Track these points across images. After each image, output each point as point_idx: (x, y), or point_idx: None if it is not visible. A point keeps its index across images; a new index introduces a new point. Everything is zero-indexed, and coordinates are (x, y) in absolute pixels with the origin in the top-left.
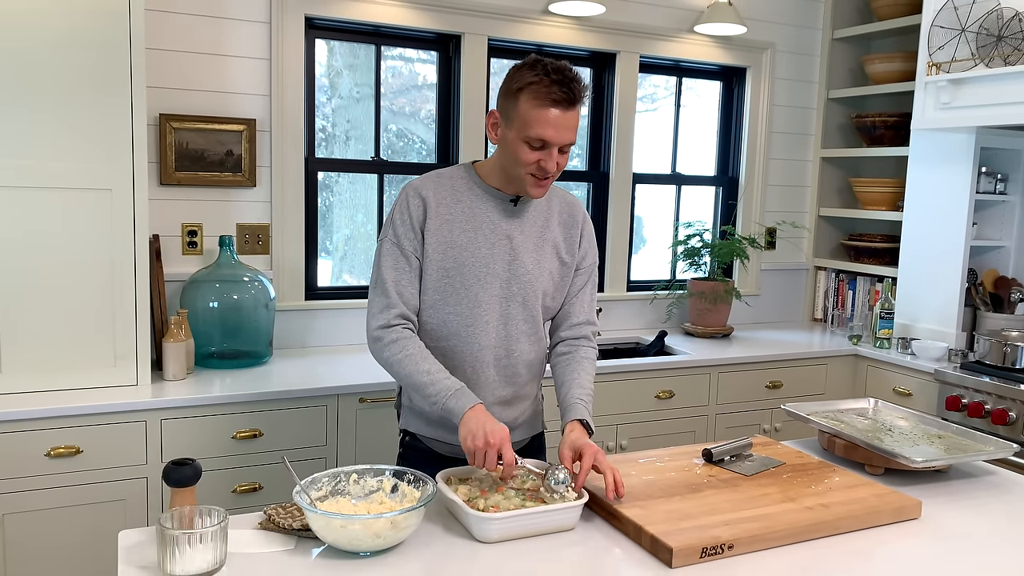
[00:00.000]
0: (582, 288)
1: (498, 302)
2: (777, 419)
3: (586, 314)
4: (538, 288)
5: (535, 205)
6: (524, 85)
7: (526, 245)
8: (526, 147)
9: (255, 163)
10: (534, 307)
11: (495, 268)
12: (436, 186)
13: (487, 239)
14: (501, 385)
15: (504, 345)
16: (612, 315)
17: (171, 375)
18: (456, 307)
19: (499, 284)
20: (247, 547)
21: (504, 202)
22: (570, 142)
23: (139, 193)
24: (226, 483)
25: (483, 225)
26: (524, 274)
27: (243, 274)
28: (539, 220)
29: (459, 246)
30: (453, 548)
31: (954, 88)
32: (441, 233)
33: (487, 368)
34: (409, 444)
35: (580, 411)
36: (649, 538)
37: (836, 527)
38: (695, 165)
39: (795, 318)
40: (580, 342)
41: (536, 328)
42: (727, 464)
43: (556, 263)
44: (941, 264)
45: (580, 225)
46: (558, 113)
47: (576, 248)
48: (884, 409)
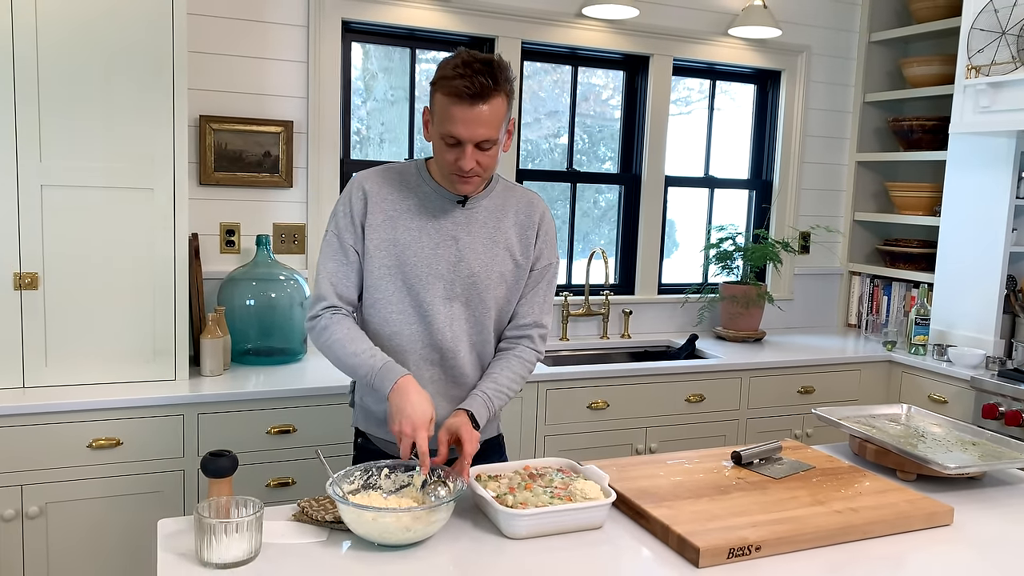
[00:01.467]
0: (534, 288)
1: (441, 303)
2: (809, 424)
3: (534, 315)
4: (484, 290)
5: (486, 205)
6: (437, 79)
7: (473, 247)
8: (444, 144)
9: (292, 164)
10: (478, 309)
11: (438, 269)
12: (383, 180)
13: (431, 239)
14: (447, 384)
15: (449, 346)
16: (643, 318)
17: (208, 371)
18: (398, 305)
19: (443, 285)
20: (281, 538)
21: (451, 201)
22: (484, 138)
23: (179, 193)
24: (260, 477)
25: (428, 224)
26: (469, 276)
27: (279, 273)
28: (490, 221)
29: (402, 244)
30: (481, 543)
31: (993, 91)
32: (383, 229)
33: (431, 367)
34: (361, 445)
35: (473, 402)
36: (676, 538)
37: (865, 532)
38: (728, 168)
39: (828, 323)
40: (520, 341)
41: (480, 330)
42: (756, 467)
43: (510, 265)
44: (979, 270)
45: (536, 225)
46: (465, 108)
47: (531, 248)
48: (917, 415)
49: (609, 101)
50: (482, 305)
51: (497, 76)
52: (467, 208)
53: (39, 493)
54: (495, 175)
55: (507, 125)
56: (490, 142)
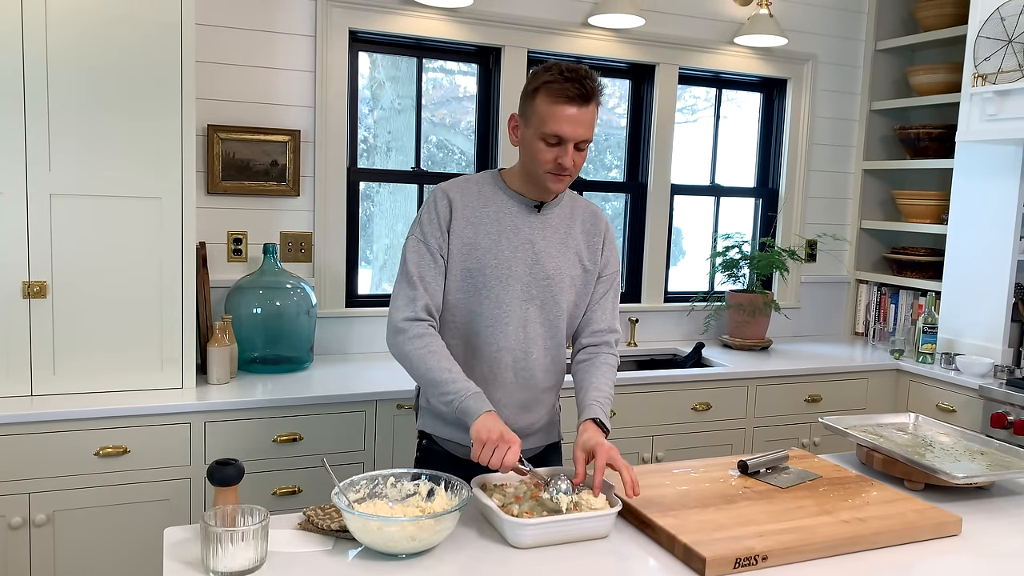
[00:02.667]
0: (604, 295)
1: (518, 304)
2: (816, 433)
3: (607, 321)
4: (558, 293)
5: (559, 212)
6: (540, 85)
7: (548, 250)
8: (543, 144)
9: (299, 173)
10: (552, 311)
11: (516, 271)
12: (463, 189)
13: (510, 242)
14: (518, 388)
15: (522, 347)
16: (649, 326)
17: (215, 379)
18: (477, 307)
19: (520, 287)
20: (287, 546)
21: (528, 207)
22: (585, 138)
23: (187, 202)
24: (266, 486)
25: (507, 229)
26: (544, 278)
27: (286, 281)
28: (562, 227)
29: (482, 248)
30: (487, 552)
31: (1000, 99)
32: (466, 234)
33: (505, 370)
34: (426, 447)
35: (595, 411)
36: (682, 547)
37: (873, 542)
38: (735, 177)
39: (835, 332)
40: (600, 348)
41: (554, 333)
42: (763, 476)
43: (579, 269)
44: (987, 278)
45: (603, 233)
46: (572, 109)
47: (598, 255)
48: (925, 424)
49: (616, 110)
50: (556, 308)
51: (597, 84)
52: (542, 214)
53: (46, 501)
54: None
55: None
56: (586, 143)
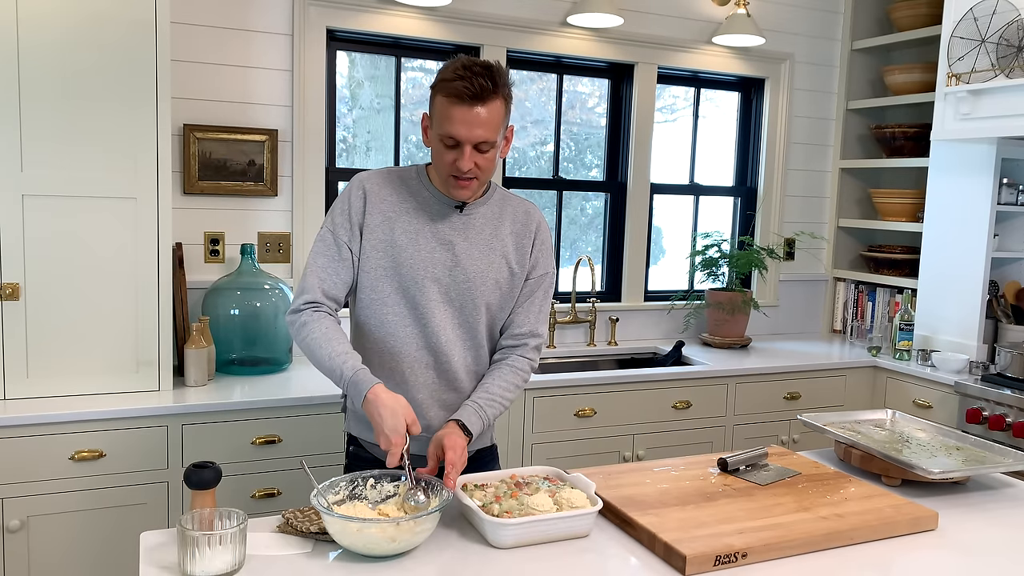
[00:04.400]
0: (530, 297)
1: (436, 307)
2: (795, 430)
3: (530, 324)
4: (478, 297)
5: (484, 212)
6: (437, 82)
7: (470, 252)
8: (443, 146)
9: (276, 173)
10: (471, 314)
11: (434, 272)
12: (384, 181)
13: (428, 243)
14: (441, 389)
15: (443, 350)
16: (629, 325)
17: (192, 381)
18: (394, 307)
19: (438, 289)
20: (265, 549)
21: (450, 206)
22: (484, 139)
23: (163, 202)
24: (245, 488)
25: (425, 228)
26: (464, 281)
27: (264, 282)
28: (487, 228)
29: (399, 246)
30: (468, 553)
31: (974, 99)
32: (381, 230)
33: (426, 370)
34: (353, 453)
35: (464, 412)
36: (663, 545)
37: (851, 537)
38: (713, 176)
39: (813, 329)
40: (515, 350)
41: (473, 335)
42: (742, 474)
43: (505, 273)
44: (962, 276)
45: (533, 234)
46: (465, 109)
47: (527, 257)
48: (902, 420)
49: (595, 109)
50: (475, 311)
51: (496, 79)
52: (465, 214)
53: (21, 506)
54: (493, 184)
55: (505, 131)
56: (488, 144)
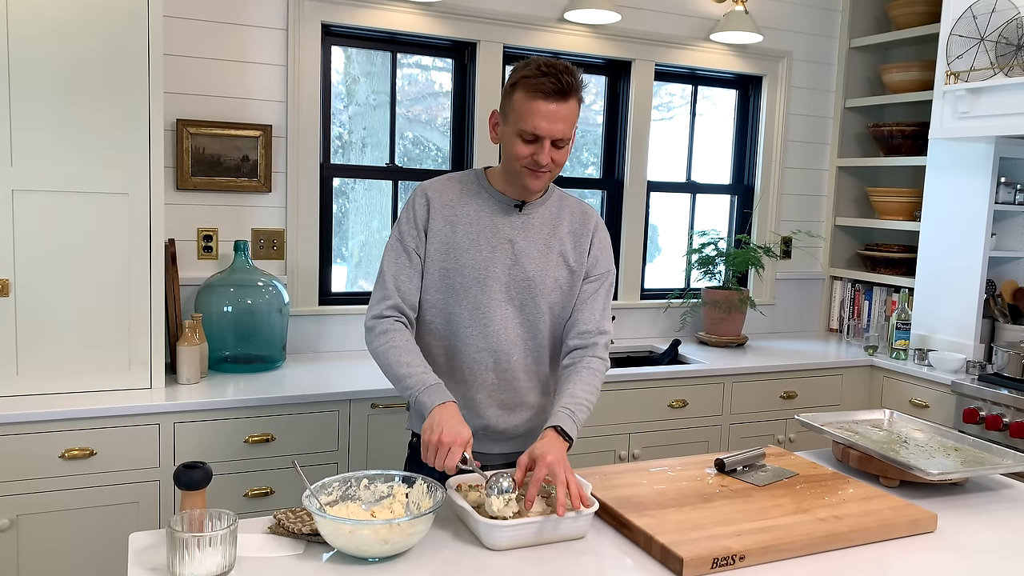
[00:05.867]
0: (592, 295)
1: (497, 305)
2: (792, 429)
3: (595, 322)
4: (539, 295)
5: (543, 212)
6: (517, 80)
7: (529, 251)
8: (520, 140)
9: (271, 169)
10: (532, 313)
11: (495, 271)
12: (444, 188)
13: (488, 242)
14: (499, 389)
15: (503, 349)
16: (626, 323)
17: (185, 379)
18: (456, 308)
19: (499, 287)
20: (256, 551)
21: (509, 206)
22: (563, 135)
23: (155, 198)
24: (237, 487)
25: (486, 228)
26: (524, 279)
27: (258, 279)
28: (546, 227)
29: (461, 248)
30: (462, 555)
31: (973, 97)
32: (444, 234)
33: (485, 371)
34: (415, 446)
35: (559, 418)
36: (659, 548)
37: (850, 539)
38: (710, 173)
39: (810, 328)
40: (586, 351)
41: (534, 334)
42: (739, 474)
43: (564, 271)
44: (959, 275)
45: (591, 232)
46: (548, 105)
47: (585, 256)
48: (899, 420)
49: (592, 106)
50: (536, 310)
51: (577, 79)
52: (524, 214)
53: (10, 505)
54: (552, 187)
55: (574, 130)
56: (564, 140)
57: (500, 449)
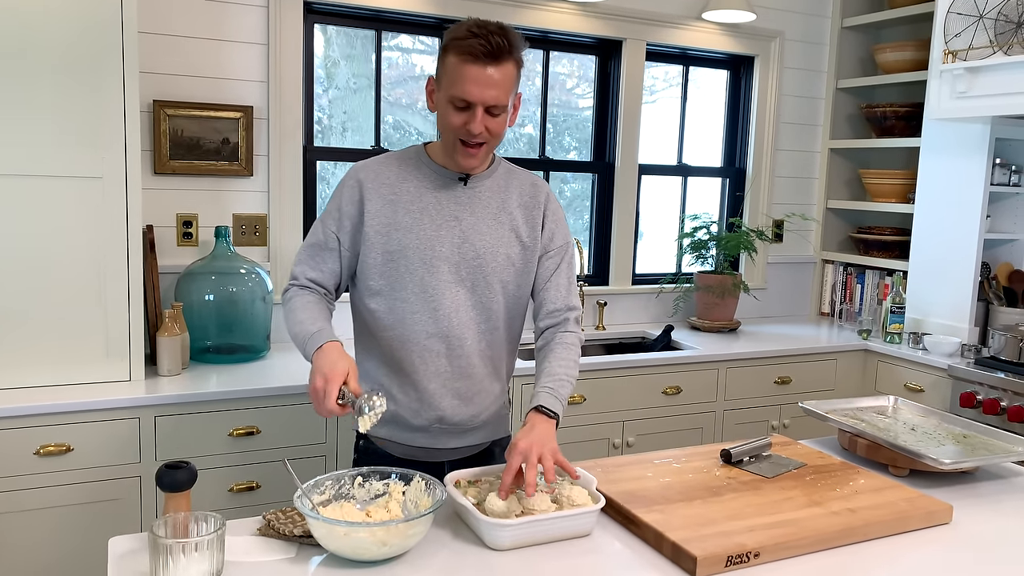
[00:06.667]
0: (555, 272)
1: (447, 287)
2: (786, 415)
3: (563, 299)
4: (491, 273)
5: (490, 185)
6: (449, 42)
7: (478, 227)
8: (451, 108)
9: (252, 152)
10: (485, 293)
11: (442, 250)
12: (380, 167)
13: (432, 219)
14: (454, 377)
15: (455, 333)
16: (617, 309)
17: (165, 370)
18: (402, 292)
19: (447, 267)
20: (245, 555)
21: (452, 181)
22: (496, 102)
23: (132, 182)
24: (222, 482)
25: (429, 205)
26: (474, 257)
27: (240, 266)
28: (494, 201)
29: (403, 227)
30: (463, 556)
31: (971, 76)
32: (383, 215)
33: (437, 358)
34: (364, 448)
35: (538, 398)
36: (671, 545)
37: (865, 533)
38: (701, 156)
39: (801, 312)
40: (558, 328)
41: (488, 317)
42: (746, 465)
43: (517, 247)
44: (954, 257)
45: (543, 205)
46: (479, 68)
47: (539, 230)
48: (904, 407)
49: (574, 90)
50: (489, 290)
51: (511, 40)
52: (469, 187)
53: None
54: (497, 157)
55: (514, 97)
56: (500, 108)
57: (457, 443)
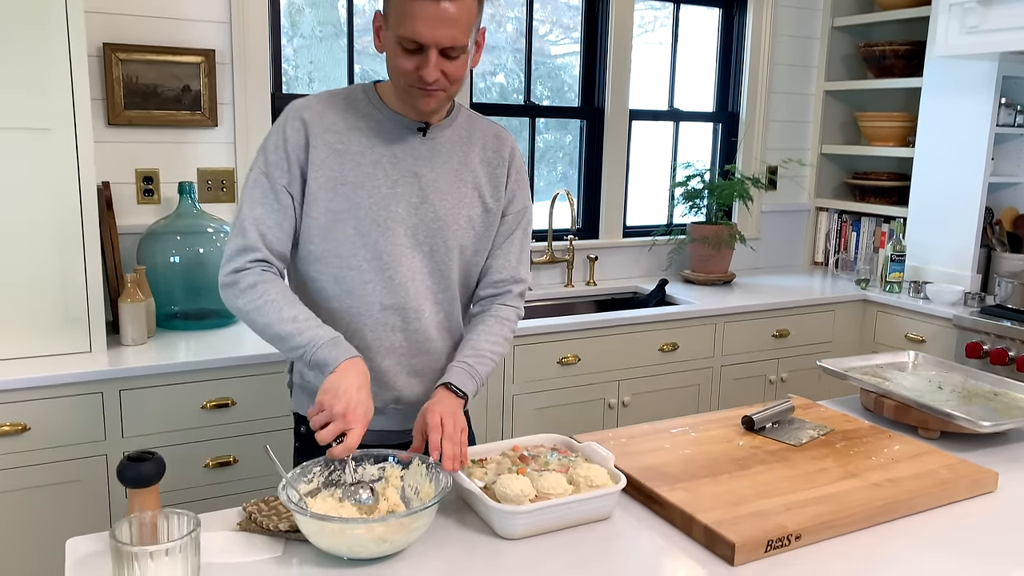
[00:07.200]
0: (508, 237)
1: (403, 253)
2: (784, 369)
3: (511, 269)
4: (450, 238)
5: (450, 137)
6: None
7: (438, 185)
8: (400, 50)
9: (216, 100)
10: (444, 260)
11: (398, 211)
12: (325, 108)
13: (388, 175)
14: (409, 353)
15: (412, 305)
16: (608, 263)
17: (130, 340)
18: (351, 259)
19: (404, 231)
20: (224, 554)
21: (410, 130)
22: (453, 43)
23: (82, 134)
24: (197, 458)
25: (383, 158)
26: (434, 219)
27: (207, 224)
28: (456, 155)
29: (353, 184)
30: (472, 547)
31: (983, 10)
32: (329, 167)
33: (392, 333)
34: (306, 435)
35: (451, 374)
36: (703, 529)
37: (910, 507)
38: (693, 101)
39: (795, 262)
40: (497, 299)
41: (446, 285)
42: (770, 432)
43: (479, 209)
44: (956, 202)
45: (507, 162)
46: (429, 4)
47: (503, 191)
48: (926, 363)
49: (547, 37)
50: (447, 255)
51: None
52: (429, 138)
53: None
54: (456, 103)
55: (476, 33)
56: (457, 49)
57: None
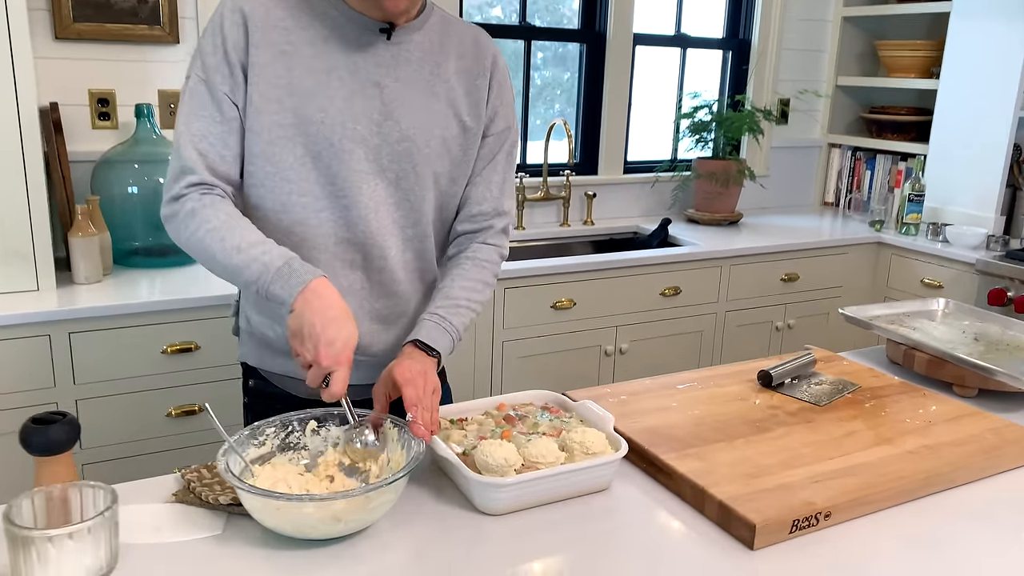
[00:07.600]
0: (490, 162)
1: (363, 179)
2: (791, 315)
3: (493, 200)
4: (421, 163)
5: (421, 41)
6: None
7: (405, 98)
8: None
9: (176, 13)
10: (414, 188)
11: (358, 129)
12: (271, 1)
13: (345, 84)
14: (373, 295)
15: (375, 241)
16: (607, 201)
17: (82, 278)
18: (301, 183)
19: (365, 152)
20: (153, 534)
21: (372, 32)
22: None
23: (19, 48)
24: (159, 406)
25: (340, 64)
26: (401, 140)
27: (167, 151)
28: (427, 63)
29: (303, 93)
30: (447, 523)
31: None
32: (274, 71)
33: (351, 270)
34: (255, 389)
35: (421, 328)
36: (717, 506)
37: (953, 479)
38: (701, 26)
39: (804, 202)
40: (477, 236)
41: (417, 220)
42: (789, 389)
43: (455, 127)
44: (982, 138)
45: (488, 71)
46: None
47: (483, 106)
48: (957, 311)
49: None
50: (418, 182)
51: None
52: (394, 43)
53: None
54: (429, 3)
55: None
56: None
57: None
